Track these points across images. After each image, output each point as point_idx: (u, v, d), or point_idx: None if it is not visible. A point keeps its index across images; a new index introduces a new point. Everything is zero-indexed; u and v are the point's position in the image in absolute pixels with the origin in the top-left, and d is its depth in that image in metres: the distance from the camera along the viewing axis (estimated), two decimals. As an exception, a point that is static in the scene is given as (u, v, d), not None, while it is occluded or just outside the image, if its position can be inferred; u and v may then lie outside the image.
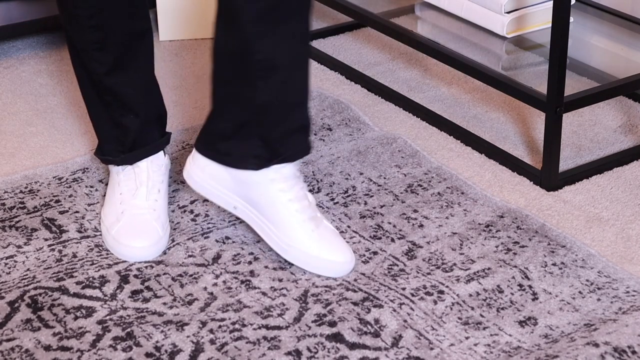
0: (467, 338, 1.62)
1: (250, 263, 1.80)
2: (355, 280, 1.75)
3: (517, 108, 2.31)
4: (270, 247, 1.78)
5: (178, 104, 2.34)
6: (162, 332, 1.63)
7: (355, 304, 1.69)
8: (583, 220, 1.93)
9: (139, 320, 1.66)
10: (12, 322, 1.66)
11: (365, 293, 1.71)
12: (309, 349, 1.60)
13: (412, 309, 1.68)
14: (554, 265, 1.78)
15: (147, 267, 1.79)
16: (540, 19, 2.33)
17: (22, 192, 1.99)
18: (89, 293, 1.72)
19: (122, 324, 1.65)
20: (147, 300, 1.70)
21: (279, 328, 1.64)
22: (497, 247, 1.83)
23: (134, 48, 1.82)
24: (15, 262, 1.80)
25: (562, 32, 1.93)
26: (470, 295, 1.71)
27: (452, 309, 1.68)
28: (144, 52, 1.85)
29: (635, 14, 2.36)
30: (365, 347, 1.60)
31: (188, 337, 1.62)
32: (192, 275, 1.77)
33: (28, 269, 1.78)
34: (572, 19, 2.26)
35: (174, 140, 2.16)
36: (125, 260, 1.80)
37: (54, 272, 1.77)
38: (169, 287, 1.74)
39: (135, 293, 1.72)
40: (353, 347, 1.60)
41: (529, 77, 2.19)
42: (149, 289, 1.73)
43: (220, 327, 1.64)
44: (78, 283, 1.74)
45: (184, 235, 1.87)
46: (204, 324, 1.65)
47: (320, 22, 2.76)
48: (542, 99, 2.00)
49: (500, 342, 1.61)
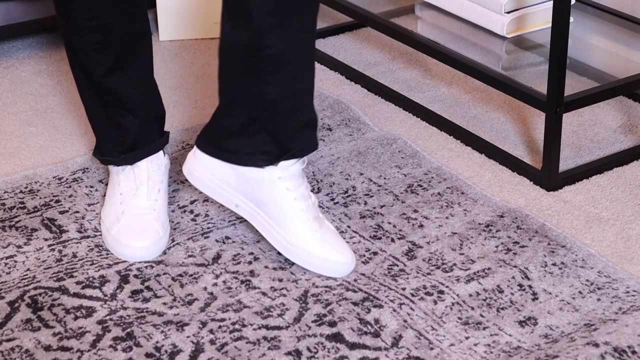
0: (467, 338, 1.62)
1: (251, 263, 1.80)
2: (355, 281, 1.75)
3: (517, 108, 2.31)
4: (272, 245, 1.78)
5: (178, 104, 2.34)
6: (162, 332, 1.63)
7: (355, 304, 1.69)
8: (583, 220, 1.93)
9: (139, 321, 1.66)
10: (12, 322, 1.66)
11: (365, 293, 1.71)
12: (309, 349, 1.60)
13: (412, 309, 1.68)
14: (554, 265, 1.78)
15: (147, 267, 1.79)
16: (540, 19, 2.33)
17: (22, 192, 1.99)
18: (89, 293, 1.72)
19: (122, 324, 1.65)
20: (147, 300, 1.70)
21: (279, 328, 1.64)
22: (497, 247, 1.83)
23: (133, 48, 1.82)
24: (15, 262, 1.80)
25: (562, 32, 1.93)
26: (470, 295, 1.71)
27: (452, 309, 1.68)
28: (143, 52, 1.85)
29: (635, 14, 2.36)
30: (365, 347, 1.60)
31: (188, 337, 1.62)
32: (192, 275, 1.77)
33: (28, 269, 1.78)
34: (572, 19, 2.26)
35: (174, 140, 2.16)
36: (125, 260, 1.80)
37: (54, 272, 1.77)
38: (169, 287, 1.74)
39: (135, 293, 1.72)
40: (353, 347, 1.60)
41: (529, 77, 2.19)
42: (149, 289, 1.73)
43: (220, 327, 1.64)
44: (78, 283, 1.74)
45: (184, 235, 1.87)
46: (204, 324, 1.64)
47: (320, 22, 2.75)
48: (542, 99, 2.00)
49: (500, 342, 1.61)
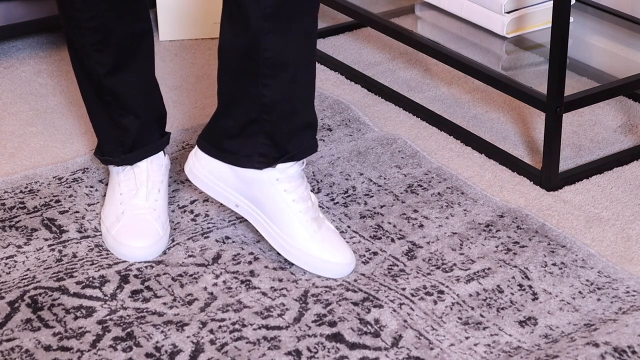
0: (467, 338, 1.62)
1: (250, 263, 1.80)
2: (355, 281, 1.75)
3: (517, 108, 2.31)
4: (272, 246, 1.78)
5: (178, 104, 2.34)
6: (162, 332, 1.63)
7: (355, 304, 1.69)
8: (583, 220, 1.93)
9: (139, 321, 1.66)
10: (12, 322, 1.66)
11: (365, 293, 1.71)
12: (309, 349, 1.60)
13: (412, 309, 1.68)
14: (554, 265, 1.78)
15: (147, 267, 1.79)
16: (540, 19, 2.33)
17: (22, 192, 1.99)
18: (89, 293, 1.72)
19: (122, 324, 1.65)
20: (147, 300, 1.70)
21: (279, 328, 1.64)
22: (497, 247, 1.83)
23: (134, 49, 1.82)
24: (15, 262, 1.80)
25: (562, 32, 1.93)
26: (470, 295, 1.71)
27: (452, 309, 1.68)
28: (145, 53, 1.85)
29: (635, 14, 2.36)
30: (365, 347, 1.60)
31: (188, 337, 1.62)
32: (192, 275, 1.77)
33: (28, 269, 1.78)
34: (572, 19, 2.26)
35: (174, 140, 2.16)
36: (126, 260, 1.80)
37: (54, 272, 1.77)
38: (169, 287, 1.74)
39: (135, 293, 1.72)
40: (353, 347, 1.60)
41: (529, 77, 2.19)
42: (149, 289, 1.73)
43: (220, 327, 1.64)
44: (78, 283, 1.74)
45: (184, 235, 1.87)
46: (204, 324, 1.64)
47: (320, 22, 2.75)
48: (542, 99, 2.00)
49: (500, 342, 1.61)
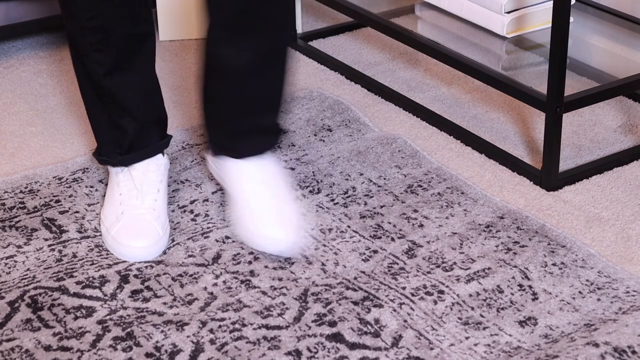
0: (467, 338, 1.62)
1: (250, 263, 1.80)
2: (356, 279, 1.75)
3: (517, 108, 2.31)
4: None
5: (178, 104, 2.34)
6: (162, 332, 1.63)
7: (355, 304, 1.69)
8: (583, 220, 1.93)
9: (139, 320, 1.66)
10: (12, 322, 1.66)
11: (366, 292, 1.71)
12: (309, 349, 1.60)
13: (412, 309, 1.68)
14: (554, 265, 1.78)
15: (147, 267, 1.79)
16: (540, 19, 2.33)
17: (22, 192, 1.99)
18: (89, 293, 1.72)
19: (122, 324, 1.65)
20: (147, 300, 1.70)
21: (279, 328, 1.64)
22: (497, 246, 1.83)
23: (135, 51, 1.82)
24: (15, 262, 1.80)
25: (562, 32, 1.93)
26: (470, 295, 1.71)
27: (452, 309, 1.68)
28: (145, 55, 1.85)
29: (635, 14, 2.36)
30: (365, 347, 1.60)
31: (188, 337, 1.62)
32: (192, 275, 1.77)
33: (28, 269, 1.78)
34: (572, 19, 2.26)
35: (174, 140, 2.16)
36: (126, 260, 1.80)
37: (54, 272, 1.77)
38: (169, 287, 1.74)
39: (135, 293, 1.72)
40: (353, 347, 1.60)
41: (529, 77, 2.19)
42: (149, 289, 1.73)
43: (220, 327, 1.64)
44: (78, 283, 1.74)
45: (184, 235, 1.87)
46: (204, 324, 1.64)
47: (320, 22, 2.76)
48: (542, 99, 2.00)
49: (500, 342, 1.61)
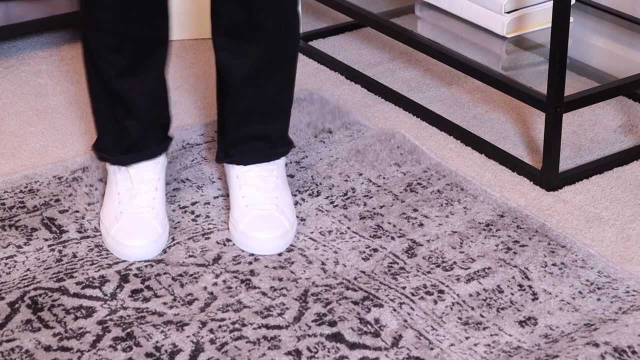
0: (467, 338, 1.62)
1: (251, 263, 1.80)
2: (355, 279, 1.75)
3: (517, 108, 2.31)
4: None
5: (178, 104, 2.34)
6: (162, 332, 1.63)
7: (356, 303, 1.69)
8: (583, 220, 1.93)
9: (139, 321, 1.66)
10: (12, 322, 1.66)
11: (366, 292, 1.71)
12: (309, 349, 1.59)
13: (412, 309, 1.68)
14: (554, 266, 1.78)
15: (147, 266, 1.79)
16: (540, 19, 2.33)
17: (22, 191, 1.99)
18: (89, 293, 1.72)
19: (122, 324, 1.65)
20: (147, 300, 1.70)
21: (279, 328, 1.64)
22: (497, 245, 1.83)
23: (148, 56, 1.81)
24: (15, 262, 1.80)
25: (562, 32, 1.93)
26: (470, 295, 1.71)
27: (452, 309, 1.68)
28: (158, 60, 1.84)
29: (635, 14, 2.36)
30: (365, 347, 1.60)
31: (188, 337, 1.62)
32: (192, 275, 1.77)
33: (28, 269, 1.78)
34: (572, 19, 2.26)
35: (175, 140, 2.16)
36: (125, 260, 1.80)
37: (54, 272, 1.77)
38: (169, 286, 1.74)
39: (136, 292, 1.72)
40: (353, 347, 1.60)
41: (529, 77, 2.19)
42: (149, 289, 1.73)
43: (220, 327, 1.64)
44: (78, 283, 1.74)
45: (185, 235, 1.87)
46: (204, 324, 1.64)
47: (320, 22, 2.76)
48: (542, 99, 2.00)
49: (500, 342, 1.61)
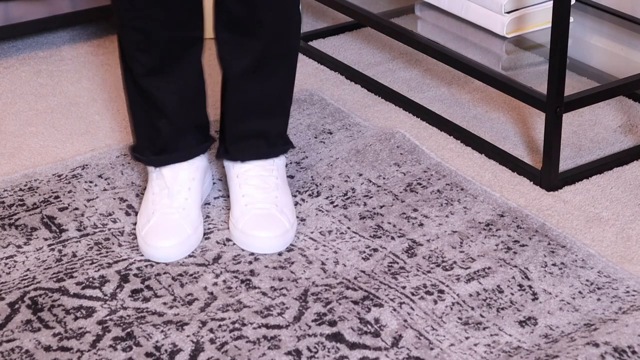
0: (467, 338, 1.62)
1: (251, 263, 1.80)
2: (356, 278, 1.75)
3: (517, 108, 2.31)
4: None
5: (178, 104, 2.34)
6: (162, 332, 1.63)
7: (356, 303, 1.69)
8: (583, 220, 1.93)
9: (139, 320, 1.66)
10: (12, 323, 1.66)
11: (366, 292, 1.71)
12: (309, 349, 1.59)
13: (412, 309, 1.68)
14: (554, 266, 1.78)
15: (147, 266, 1.79)
16: (540, 19, 2.33)
17: (21, 189, 1.99)
18: (89, 293, 1.72)
19: (122, 324, 1.65)
20: (147, 300, 1.70)
21: (279, 327, 1.64)
22: (497, 245, 1.83)
23: (178, 56, 1.80)
24: (15, 262, 1.80)
25: (562, 32, 1.93)
26: (471, 295, 1.71)
27: (452, 309, 1.68)
28: (189, 61, 1.83)
29: (635, 14, 2.36)
30: (365, 347, 1.60)
31: (188, 336, 1.62)
32: (192, 275, 1.77)
33: (28, 269, 1.78)
34: (572, 19, 2.26)
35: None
36: (125, 259, 1.80)
37: (54, 272, 1.77)
38: (169, 286, 1.74)
39: (136, 292, 1.72)
40: (353, 347, 1.60)
41: (529, 77, 2.19)
42: (149, 288, 1.73)
43: (220, 326, 1.64)
44: (78, 283, 1.74)
45: (184, 235, 1.87)
46: (204, 324, 1.64)
47: (320, 22, 2.76)
48: (542, 99, 2.00)
49: (500, 342, 1.61)
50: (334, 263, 1.79)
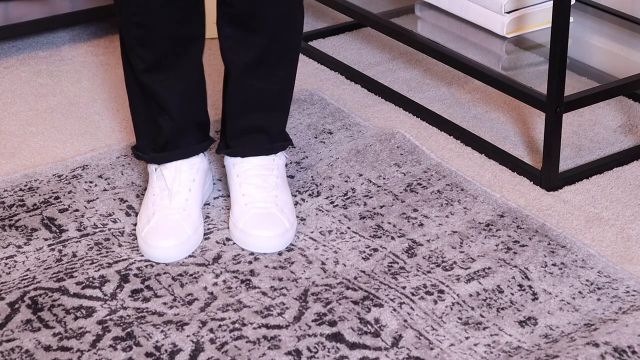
0: (467, 338, 1.62)
1: (251, 263, 1.80)
2: (356, 278, 1.75)
3: (517, 108, 2.31)
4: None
5: (178, 104, 2.34)
6: (162, 331, 1.63)
7: (356, 303, 1.69)
8: (583, 220, 1.93)
9: (139, 320, 1.66)
10: (12, 322, 1.66)
11: (366, 292, 1.71)
12: (309, 349, 1.59)
13: (412, 309, 1.68)
14: (554, 266, 1.78)
15: (147, 266, 1.79)
16: (540, 19, 2.33)
17: (21, 189, 1.99)
18: (89, 293, 1.72)
19: (122, 324, 1.65)
20: (147, 300, 1.70)
21: (279, 327, 1.64)
22: (497, 245, 1.83)
23: (179, 52, 1.81)
24: (15, 262, 1.80)
25: (562, 32, 1.93)
26: (471, 295, 1.71)
27: (452, 309, 1.68)
28: (189, 57, 1.83)
29: (635, 14, 2.36)
30: (365, 347, 1.60)
31: (188, 336, 1.62)
32: (192, 275, 1.77)
33: (28, 269, 1.78)
34: (572, 19, 2.26)
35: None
36: (126, 259, 1.80)
37: (54, 272, 1.77)
38: (169, 286, 1.74)
39: (136, 292, 1.72)
40: (353, 347, 1.60)
41: (529, 77, 2.19)
42: (149, 288, 1.73)
43: (220, 326, 1.64)
44: (78, 283, 1.74)
45: (184, 235, 1.87)
46: (204, 324, 1.64)
47: (320, 22, 2.76)
48: (542, 99, 2.00)
49: (500, 342, 1.61)
50: (334, 263, 1.79)
